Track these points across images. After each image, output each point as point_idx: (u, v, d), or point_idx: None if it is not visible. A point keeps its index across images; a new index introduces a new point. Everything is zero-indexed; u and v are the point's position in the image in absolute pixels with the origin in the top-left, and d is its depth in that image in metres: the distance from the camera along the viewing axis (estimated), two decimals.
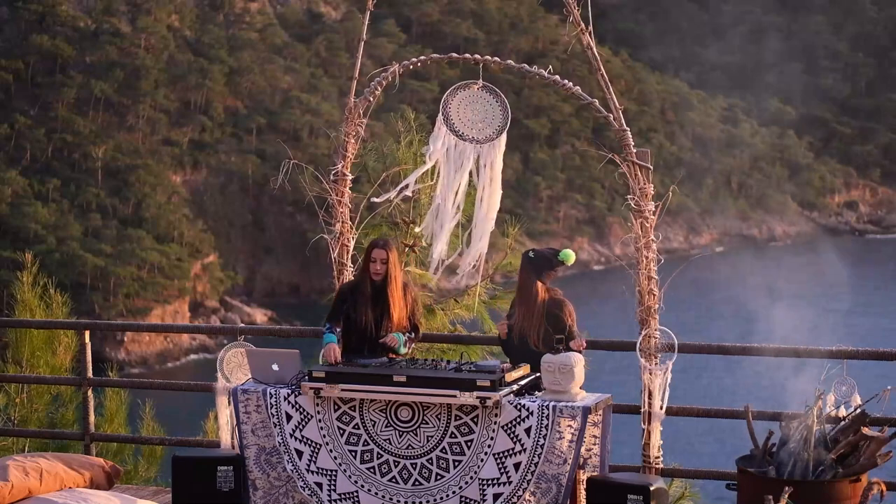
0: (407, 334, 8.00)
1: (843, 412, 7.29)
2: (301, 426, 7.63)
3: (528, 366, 7.61)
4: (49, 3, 72.56)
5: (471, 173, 8.09)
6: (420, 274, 10.68)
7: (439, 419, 7.40)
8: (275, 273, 71.61)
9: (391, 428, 7.50)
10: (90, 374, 9.80)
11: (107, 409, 10.91)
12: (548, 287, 7.89)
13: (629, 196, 7.78)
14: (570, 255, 7.87)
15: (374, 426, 7.54)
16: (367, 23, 8.55)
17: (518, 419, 7.24)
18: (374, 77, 8.32)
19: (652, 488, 7.01)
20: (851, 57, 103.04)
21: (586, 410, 7.17)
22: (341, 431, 7.59)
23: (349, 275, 8.58)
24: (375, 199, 8.50)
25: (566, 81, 7.83)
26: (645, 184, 7.75)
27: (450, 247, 8.31)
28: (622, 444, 8.57)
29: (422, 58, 8.51)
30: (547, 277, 7.87)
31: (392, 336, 7.89)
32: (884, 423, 7.38)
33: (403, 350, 7.94)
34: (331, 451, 7.60)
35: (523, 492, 7.25)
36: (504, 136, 8.05)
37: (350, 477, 7.58)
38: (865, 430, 7.00)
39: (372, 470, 7.54)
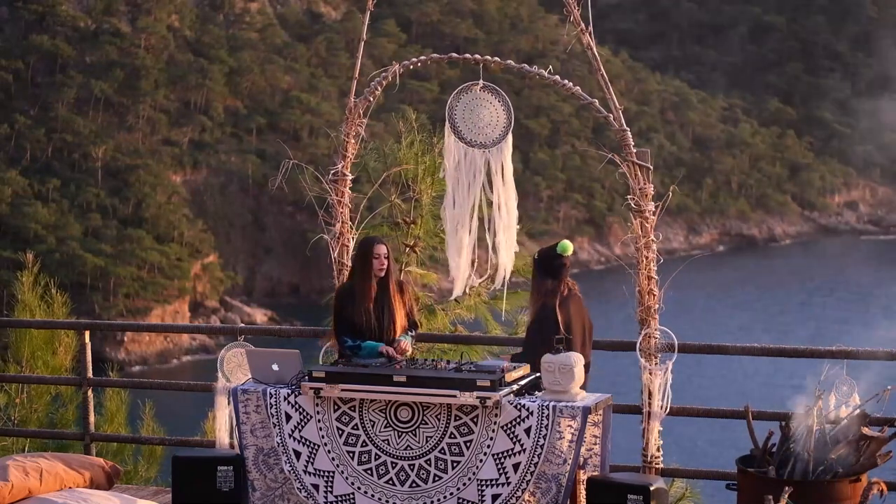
0: (409, 333, 7.99)
1: (843, 412, 7.29)
2: (300, 426, 7.63)
3: (528, 366, 7.61)
4: (49, 3, 72.60)
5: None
6: (421, 274, 10.68)
7: (439, 419, 7.40)
8: (275, 273, 71.67)
9: (390, 428, 7.50)
10: (90, 374, 9.80)
11: (107, 409, 10.90)
12: (567, 282, 7.86)
13: (629, 196, 7.78)
14: (567, 246, 7.87)
15: (373, 427, 7.53)
16: (367, 23, 8.55)
17: (518, 419, 7.23)
18: (374, 77, 8.31)
19: (652, 488, 7.01)
20: (851, 57, 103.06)
21: (586, 410, 7.17)
22: (340, 432, 7.58)
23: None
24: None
25: (566, 81, 7.83)
26: (645, 184, 7.75)
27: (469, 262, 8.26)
28: (622, 444, 8.57)
29: (422, 58, 8.50)
30: (558, 274, 7.84)
31: (404, 342, 7.85)
32: (884, 423, 7.38)
33: (410, 350, 7.93)
34: (329, 451, 7.60)
35: (522, 492, 7.24)
36: (510, 137, 8.04)
37: (347, 479, 7.57)
38: (865, 430, 7.00)
39: (369, 471, 7.53)
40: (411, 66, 8.36)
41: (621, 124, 7.74)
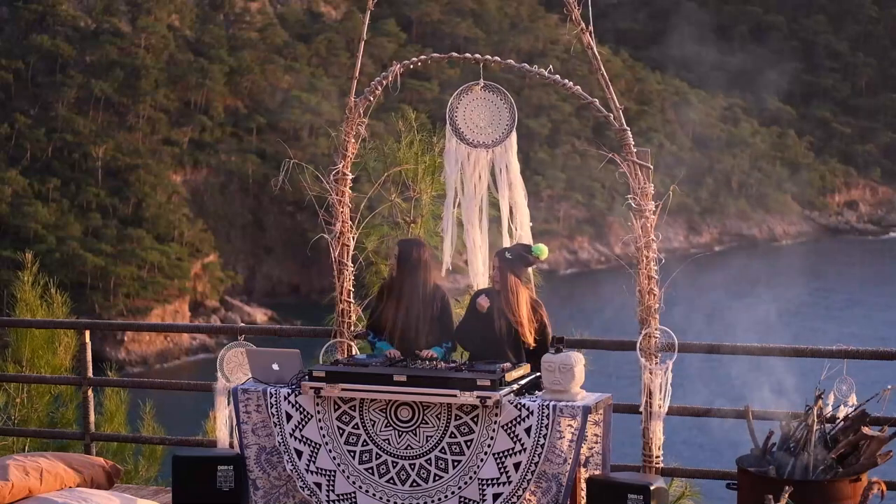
0: (445, 345, 7.93)
1: (843, 412, 7.29)
2: (301, 426, 7.64)
3: (529, 365, 7.62)
4: (49, 3, 72.57)
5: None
6: None
7: (439, 419, 7.40)
8: (275, 273, 71.60)
9: (391, 428, 7.50)
10: (90, 373, 9.80)
11: (107, 408, 10.91)
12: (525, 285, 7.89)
13: (629, 196, 7.78)
14: (542, 250, 7.86)
15: (373, 426, 7.54)
16: (367, 23, 8.55)
17: (518, 419, 7.24)
18: (374, 77, 8.32)
19: (652, 488, 7.01)
20: (851, 57, 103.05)
21: (586, 410, 7.18)
22: (341, 431, 7.59)
23: (349, 275, 8.59)
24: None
25: (566, 81, 7.83)
26: (645, 183, 7.75)
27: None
28: (622, 444, 8.57)
29: (422, 58, 8.50)
30: (522, 273, 7.86)
31: (428, 351, 7.84)
32: (884, 423, 7.38)
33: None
34: (330, 451, 7.60)
35: (523, 491, 7.25)
36: (514, 135, 8.03)
37: (348, 478, 7.58)
38: (865, 430, 7.00)
39: (370, 471, 7.54)
40: (411, 66, 8.36)
41: (621, 124, 7.74)
